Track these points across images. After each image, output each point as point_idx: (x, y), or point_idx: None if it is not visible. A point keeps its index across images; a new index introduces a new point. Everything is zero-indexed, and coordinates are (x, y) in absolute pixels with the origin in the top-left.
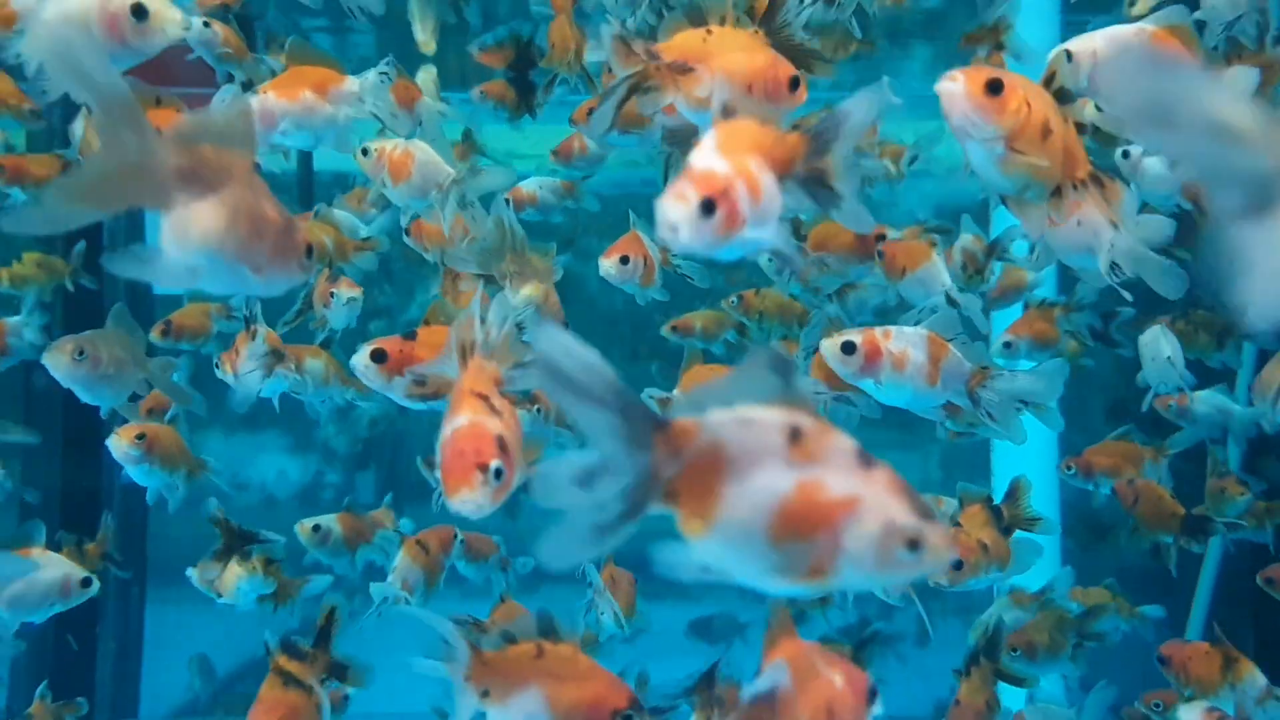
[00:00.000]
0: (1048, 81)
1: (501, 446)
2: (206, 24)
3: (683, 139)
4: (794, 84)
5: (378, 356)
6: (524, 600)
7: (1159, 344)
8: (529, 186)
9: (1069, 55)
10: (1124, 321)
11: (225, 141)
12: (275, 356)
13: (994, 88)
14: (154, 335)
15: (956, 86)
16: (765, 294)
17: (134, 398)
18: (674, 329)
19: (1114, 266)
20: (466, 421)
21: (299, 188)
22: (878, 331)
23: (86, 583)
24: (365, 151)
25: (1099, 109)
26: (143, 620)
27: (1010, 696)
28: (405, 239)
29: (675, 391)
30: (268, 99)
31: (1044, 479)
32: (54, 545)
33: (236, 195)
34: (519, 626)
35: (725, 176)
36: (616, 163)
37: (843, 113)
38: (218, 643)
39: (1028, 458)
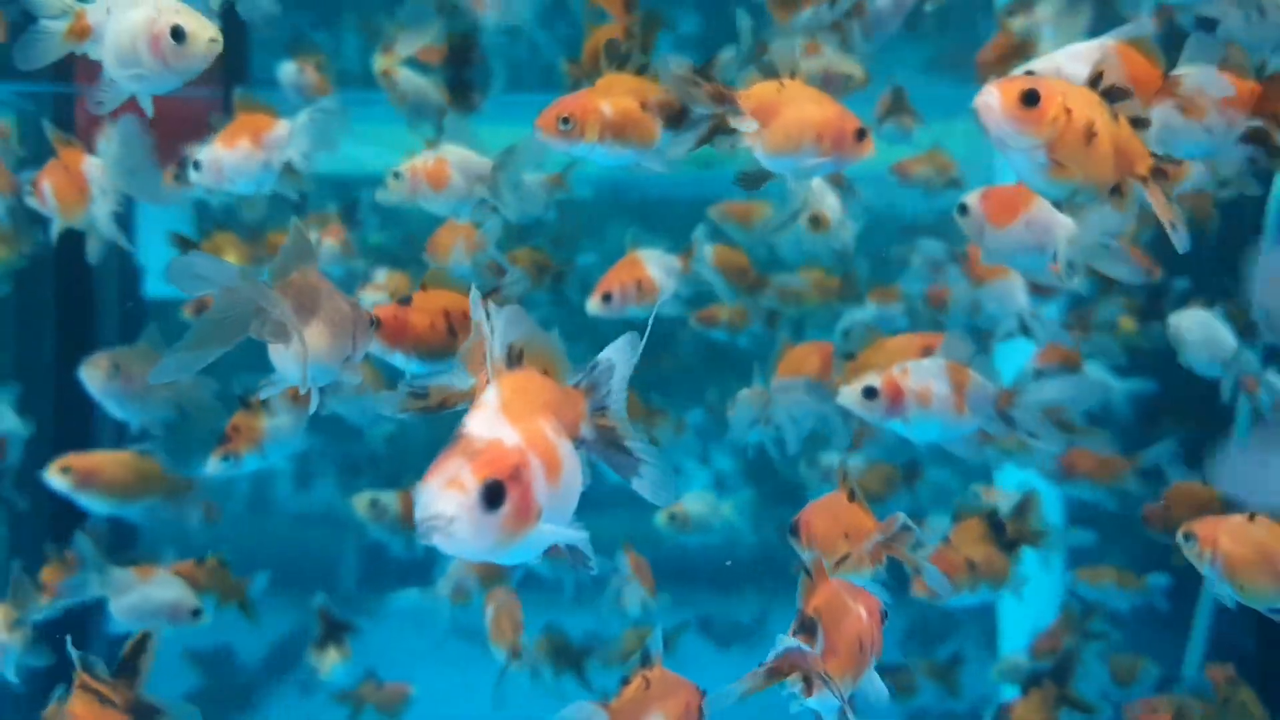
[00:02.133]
0: (1094, 81)
1: None
2: (300, 69)
3: (754, 182)
4: (860, 135)
5: (373, 324)
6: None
7: (1212, 326)
8: None
9: (1031, 75)
10: (1178, 296)
11: (298, 261)
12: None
13: (1030, 98)
14: (186, 313)
15: (992, 100)
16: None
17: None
18: (700, 320)
19: (1069, 264)
20: None
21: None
22: (894, 370)
23: (196, 613)
24: (396, 175)
25: None
26: None
27: (1008, 691)
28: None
29: (774, 380)
30: (214, 150)
31: (1047, 484)
32: (41, 560)
33: (327, 309)
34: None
35: (515, 450)
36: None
37: (607, 363)
38: (210, 644)
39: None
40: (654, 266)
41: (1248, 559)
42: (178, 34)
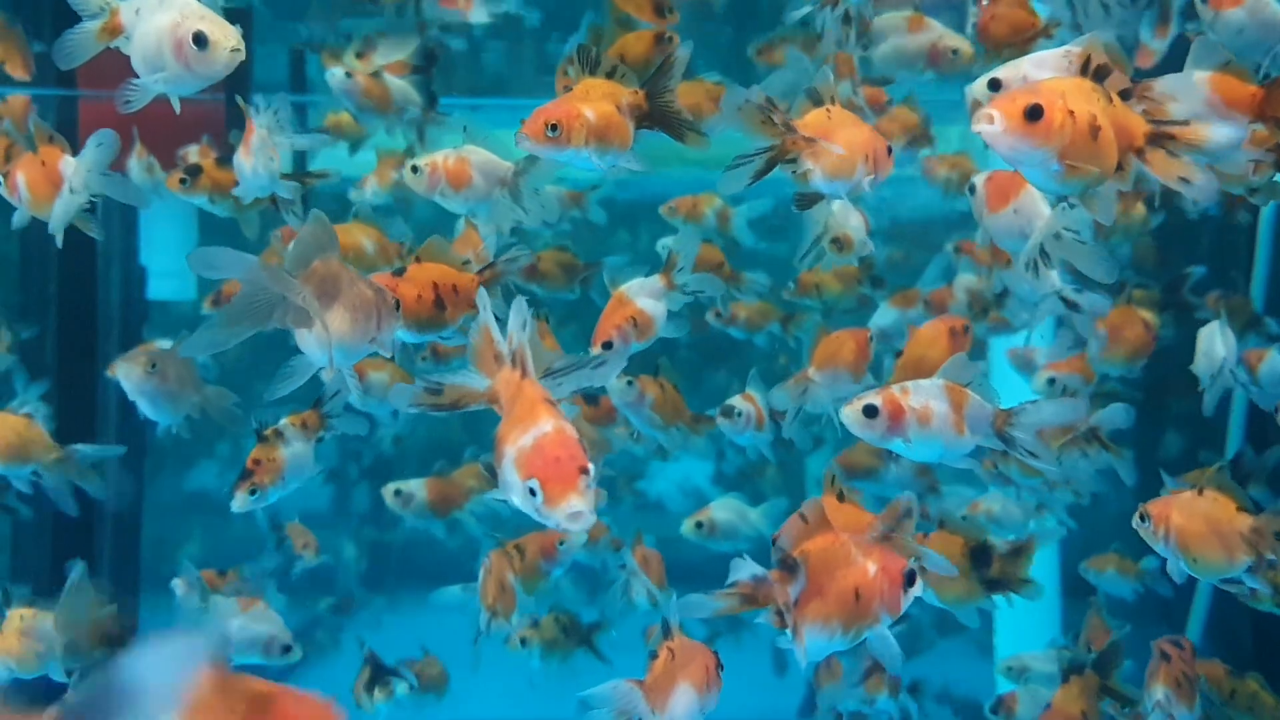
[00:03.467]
0: (1084, 67)
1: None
2: (348, 75)
3: (809, 203)
4: (888, 151)
5: (398, 306)
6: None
7: (1214, 339)
8: None
9: (997, 83)
10: (1196, 283)
11: (319, 251)
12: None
13: (1033, 114)
14: (206, 306)
15: (996, 122)
16: (818, 270)
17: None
18: (717, 315)
19: (1042, 254)
20: (553, 428)
21: None
22: (894, 389)
23: (286, 649)
24: (415, 169)
25: None
26: (136, 627)
27: (1002, 685)
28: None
29: (810, 368)
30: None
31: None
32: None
33: (348, 295)
34: (654, 639)
35: None
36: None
37: None
38: None
39: None
40: (643, 298)
41: (1198, 532)
42: (200, 40)
